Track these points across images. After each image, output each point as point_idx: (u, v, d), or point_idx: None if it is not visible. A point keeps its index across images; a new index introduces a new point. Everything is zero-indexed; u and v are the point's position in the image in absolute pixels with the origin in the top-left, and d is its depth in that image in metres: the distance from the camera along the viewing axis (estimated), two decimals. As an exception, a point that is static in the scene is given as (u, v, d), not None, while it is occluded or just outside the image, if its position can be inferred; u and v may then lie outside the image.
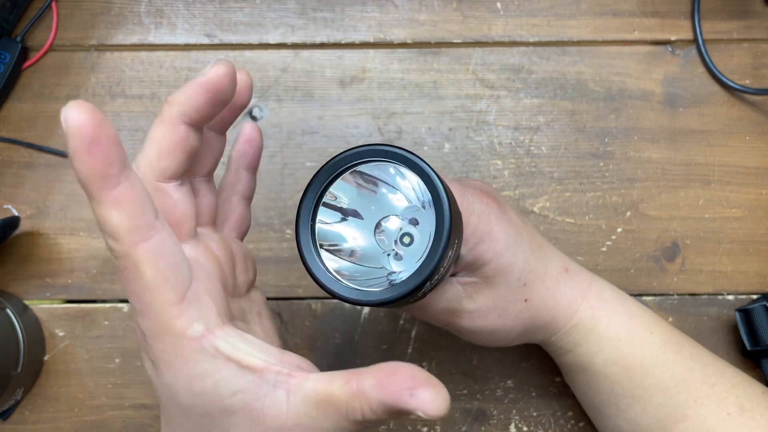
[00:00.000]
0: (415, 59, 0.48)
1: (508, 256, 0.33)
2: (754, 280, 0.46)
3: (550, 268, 0.36)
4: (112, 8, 0.48)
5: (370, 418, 0.24)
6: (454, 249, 0.28)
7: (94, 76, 0.47)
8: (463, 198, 0.32)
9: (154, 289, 0.22)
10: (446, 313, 0.34)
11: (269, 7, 0.48)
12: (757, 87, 0.48)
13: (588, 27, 0.49)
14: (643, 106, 0.48)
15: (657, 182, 0.47)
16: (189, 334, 0.23)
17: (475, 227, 0.32)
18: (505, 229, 0.33)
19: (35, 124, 0.47)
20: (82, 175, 0.20)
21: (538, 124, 0.48)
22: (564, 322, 0.36)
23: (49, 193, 0.46)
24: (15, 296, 0.45)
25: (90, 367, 0.45)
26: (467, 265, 0.33)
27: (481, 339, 0.36)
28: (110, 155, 0.20)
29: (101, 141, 0.20)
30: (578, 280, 0.37)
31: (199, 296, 0.24)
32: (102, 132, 0.20)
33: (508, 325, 0.35)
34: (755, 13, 0.49)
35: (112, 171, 0.20)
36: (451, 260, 0.28)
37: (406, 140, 0.47)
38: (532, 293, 0.35)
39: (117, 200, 0.21)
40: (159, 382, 0.25)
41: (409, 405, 0.22)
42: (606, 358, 0.36)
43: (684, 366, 0.36)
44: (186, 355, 0.23)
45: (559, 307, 0.36)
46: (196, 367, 0.23)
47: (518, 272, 0.34)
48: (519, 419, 0.45)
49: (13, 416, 0.44)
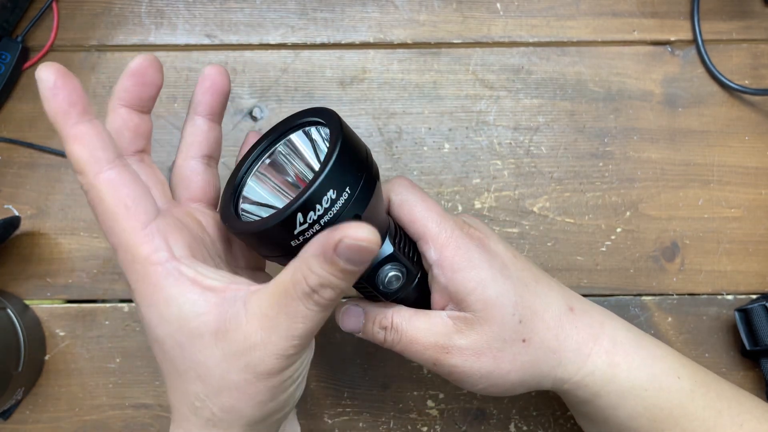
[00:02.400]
0: (415, 60, 0.48)
1: (494, 287, 0.31)
2: (753, 280, 0.46)
3: (551, 305, 0.33)
4: (112, 9, 0.48)
5: (314, 283, 0.24)
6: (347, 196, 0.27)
7: (95, 76, 0.47)
8: (442, 222, 0.32)
9: (117, 215, 0.25)
10: (435, 349, 0.32)
11: (269, 7, 0.48)
12: (757, 87, 0.48)
13: (587, 27, 0.49)
14: (643, 107, 0.48)
15: (656, 182, 0.47)
16: (153, 258, 0.26)
17: (453, 255, 0.31)
18: (487, 260, 0.32)
19: (36, 125, 0.47)
20: (50, 115, 0.25)
21: (538, 124, 0.48)
22: (574, 369, 0.33)
23: (50, 193, 0.46)
24: (16, 296, 0.45)
25: (90, 367, 0.45)
26: (452, 296, 0.32)
27: (477, 384, 0.33)
28: (72, 98, 0.25)
29: (64, 86, 0.24)
30: (586, 320, 0.34)
31: (168, 232, 0.27)
32: (65, 80, 0.24)
33: (505, 369, 0.32)
34: (754, 14, 0.49)
35: (74, 111, 0.25)
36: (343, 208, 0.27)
37: (406, 140, 0.47)
38: (531, 333, 0.32)
39: (79, 136, 0.25)
40: (142, 321, 0.27)
41: (334, 237, 0.23)
42: (630, 412, 0.33)
43: (713, 410, 0.33)
44: (153, 281, 0.26)
45: (565, 351, 0.33)
46: (163, 292, 0.26)
47: (511, 306, 0.32)
48: (519, 419, 0.45)
49: (14, 416, 0.45)
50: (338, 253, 0.23)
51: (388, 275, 0.32)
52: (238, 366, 0.26)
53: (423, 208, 0.33)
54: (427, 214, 0.32)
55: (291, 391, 0.28)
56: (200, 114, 0.32)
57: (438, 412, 0.45)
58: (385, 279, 0.32)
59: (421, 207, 0.33)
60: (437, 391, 0.45)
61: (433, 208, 0.33)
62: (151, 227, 0.26)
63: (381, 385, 0.45)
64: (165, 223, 0.27)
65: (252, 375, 0.26)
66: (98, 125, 0.26)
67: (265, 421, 0.28)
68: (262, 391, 0.26)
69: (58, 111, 0.25)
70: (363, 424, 0.45)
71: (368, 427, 0.45)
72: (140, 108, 0.30)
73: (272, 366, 0.26)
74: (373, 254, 0.23)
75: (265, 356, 0.25)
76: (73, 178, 0.46)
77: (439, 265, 0.32)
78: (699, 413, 0.33)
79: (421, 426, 0.45)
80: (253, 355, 0.25)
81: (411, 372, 0.46)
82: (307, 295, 0.25)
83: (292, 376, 0.27)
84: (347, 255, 0.23)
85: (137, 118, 0.30)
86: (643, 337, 0.35)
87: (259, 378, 0.26)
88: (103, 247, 0.46)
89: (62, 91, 0.24)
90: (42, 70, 0.24)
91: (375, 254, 0.24)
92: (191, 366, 0.26)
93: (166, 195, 0.32)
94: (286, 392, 0.28)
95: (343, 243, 0.23)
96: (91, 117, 0.25)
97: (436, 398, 0.45)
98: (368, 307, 0.33)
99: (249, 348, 0.25)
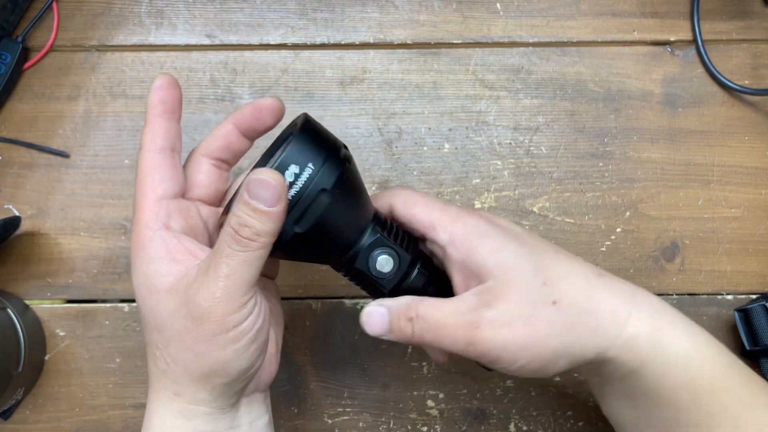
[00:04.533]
0: (415, 60, 0.48)
1: (509, 251, 0.31)
2: (753, 280, 0.46)
3: (576, 270, 0.32)
4: (112, 9, 0.48)
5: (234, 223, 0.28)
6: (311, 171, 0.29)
7: (95, 76, 0.47)
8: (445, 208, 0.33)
9: (143, 184, 0.31)
10: (465, 328, 0.31)
11: (269, 7, 0.48)
12: (756, 87, 0.48)
13: (587, 27, 0.49)
14: (643, 107, 0.48)
15: (656, 182, 0.47)
16: (150, 224, 0.31)
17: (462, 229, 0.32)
18: (499, 230, 0.32)
19: (36, 125, 0.47)
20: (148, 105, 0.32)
21: (538, 124, 0.48)
22: (615, 333, 0.31)
23: (50, 193, 0.46)
24: (16, 296, 0.45)
25: (91, 367, 0.45)
26: (470, 269, 0.32)
27: (517, 359, 0.31)
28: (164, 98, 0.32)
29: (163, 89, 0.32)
30: (618, 284, 0.32)
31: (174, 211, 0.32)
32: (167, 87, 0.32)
33: (541, 335, 0.30)
34: (754, 14, 0.49)
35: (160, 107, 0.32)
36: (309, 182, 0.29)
37: (406, 140, 0.47)
38: (560, 294, 0.31)
39: (153, 123, 0.32)
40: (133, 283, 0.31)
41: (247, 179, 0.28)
42: (675, 381, 0.31)
43: (748, 390, 0.32)
44: (142, 242, 0.31)
45: (600, 312, 0.31)
46: (144, 251, 0.30)
47: (530, 268, 0.31)
48: (519, 418, 0.45)
49: (14, 416, 0.45)
50: (249, 192, 0.28)
51: (378, 259, 0.32)
52: (181, 314, 0.29)
53: (425, 202, 0.34)
54: (430, 205, 0.33)
55: (235, 349, 0.30)
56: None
57: (438, 412, 0.45)
58: (376, 262, 0.32)
59: (422, 201, 0.34)
60: (437, 391, 0.45)
61: (434, 200, 0.34)
62: (162, 202, 0.31)
63: (381, 385, 0.45)
64: (176, 204, 0.32)
65: (190, 321, 0.29)
66: (171, 124, 0.32)
67: (209, 379, 0.30)
68: (200, 339, 0.29)
69: (151, 102, 0.32)
70: (363, 424, 0.45)
71: (368, 427, 0.45)
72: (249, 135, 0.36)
73: (205, 309, 0.29)
74: (277, 190, 0.28)
75: (199, 300, 0.29)
76: (74, 178, 0.46)
77: (451, 243, 0.32)
78: (736, 390, 0.31)
79: (421, 426, 0.45)
80: (191, 303, 0.29)
81: (411, 372, 0.46)
82: (230, 237, 0.28)
83: (234, 328, 0.29)
84: (256, 192, 0.28)
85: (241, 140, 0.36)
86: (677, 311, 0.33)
87: (195, 323, 0.29)
88: (104, 247, 0.46)
89: (160, 91, 0.32)
90: (159, 76, 0.32)
91: (279, 191, 0.28)
92: (151, 317, 0.30)
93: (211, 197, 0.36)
94: (228, 348, 0.29)
95: (250, 180, 0.28)
96: (171, 117, 0.32)
97: (436, 398, 0.45)
98: (390, 305, 0.33)
99: (190, 297, 0.29)
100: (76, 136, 0.47)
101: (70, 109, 0.47)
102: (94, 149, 0.47)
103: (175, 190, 0.32)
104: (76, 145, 0.47)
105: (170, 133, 0.33)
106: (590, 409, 0.45)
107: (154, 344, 0.31)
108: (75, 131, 0.47)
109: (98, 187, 0.46)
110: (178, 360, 0.30)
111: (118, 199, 0.46)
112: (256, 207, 0.28)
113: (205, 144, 0.35)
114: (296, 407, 0.45)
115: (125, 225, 0.46)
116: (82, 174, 0.46)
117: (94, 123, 0.47)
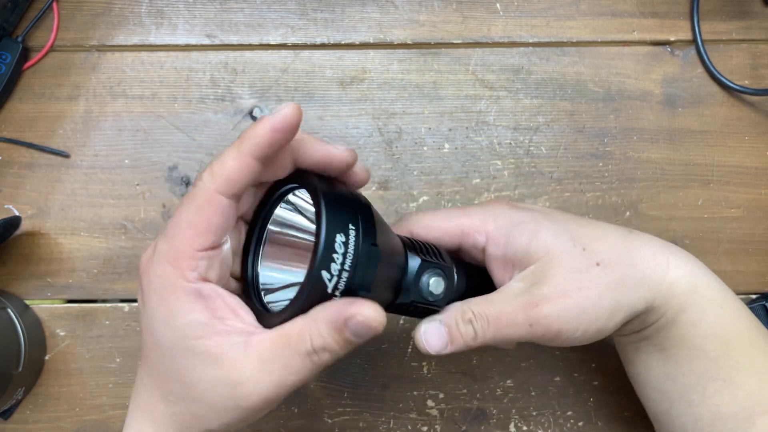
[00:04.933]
0: (415, 60, 0.48)
1: (544, 231, 0.32)
2: (753, 280, 0.46)
3: (608, 231, 0.34)
4: (112, 9, 0.48)
5: (318, 345, 0.26)
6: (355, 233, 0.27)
7: (95, 76, 0.47)
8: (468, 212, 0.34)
9: (194, 225, 0.27)
10: (524, 309, 0.31)
11: (269, 7, 0.49)
12: (756, 87, 0.48)
13: (587, 27, 0.49)
14: (643, 107, 0.48)
15: (656, 182, 0.47)
16: (188, 275, 0.27)
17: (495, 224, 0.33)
18: (527, 215, 0.33)
19: (36, 125, 0.47)
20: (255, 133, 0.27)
21: (538, 124, 0.48)
22: (659, 279, 0.32)
23: (50, 193, 0.46)
24: (16, 296, 0.45)
25: (91, 367, 0.45)
26: (512, 260, 0.33)
27: (578, 327, 0.32)
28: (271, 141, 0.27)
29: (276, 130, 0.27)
30: (648, 237, 0.34)
31: (216, 262, 0.28)
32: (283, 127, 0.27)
33: (594, 296, 0.31)
34: (754, 14, 0.49)
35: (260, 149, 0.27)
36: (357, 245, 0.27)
37: (406, 140, 0.47)
38: (601, 255, 0.32)
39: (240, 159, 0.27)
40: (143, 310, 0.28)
41: (348, 311, 0.26)
42: (708, 329, 0.32)
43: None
44: (175, 289, 0.27)
45: (641, 262, 0.32)
46: (178, 302, 0.27)
47: (568, 240, 0.32)
48: (519, 418, 0.45)
49: (15, 416, 0.45)
50: (348, 326, 0.26)
51: (430, 281, 0.31)
52: (223, 392, 0.27)
53: (444, 216, 0.35)
54: (451, 215, 0.35)
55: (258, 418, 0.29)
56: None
57: (438, 412, 0.45)
58: (428, 287, 0.31)
59: (442, 216, 0.35)
60: (437, 391, 0.45)
61: (450, 210, 0.35)
62: (204, 253, 0.27)
63: (381, 385, 0.46)
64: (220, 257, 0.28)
65: (233, 404, 0.27)
66: (255, 167, 0.27)
67: None
68: (236, 417, 0.28)
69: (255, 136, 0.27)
70: (363, 424, 0.45)
71: (368, 427, 0.45)
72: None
73: (254, 404, 0.27)
74: (377, 333, 0.26)
75: (252, 395, 0.27)
76: (74, 178, 0.46)
77: (489, 241, 0.33)
78: (763, 347, 0.33)
79: (421, 426, 0.45)
80: (240, 389, 0.27)
81: (411, 372, 0.46)
82: (307, 353, 0.26)
83: (265, 411, 0.28)
84: (355, 330, 0.26)
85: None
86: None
87: (238, 409, 0.27)
88: (104, 247, 0.46)
89: (274, 133, 0.27)
90: (289, 108, 0.27)
91: (378, 333, 0.26)
92: (179, 372, 0.28)
93: None
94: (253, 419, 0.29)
95: (355, 319, 0.26)
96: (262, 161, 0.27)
97: (436, 398, 0.45)
98: (442, 318, 0.32)
99: (239, 382, 0.27)
100: (76, 136, 0.47)
101: (70, 109, 0.47)
102: (94, 149, 0.47)
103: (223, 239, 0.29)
104: (76, 145, 0.47)
105: (251, 179, 0.28)
106: (590, 409, 0.45)
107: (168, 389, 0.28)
108: (75, 131, 0.47)
109: (98, 187, 0.46)
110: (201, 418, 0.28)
111: (119, 199, 0.46)
112: (349, 339, 0.26)
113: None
114: (296, 407, 0.45)
115: (125, 225, 0.46)
116: (82, 174, 0.47)
117: (95, 123, 0.47)
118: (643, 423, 0.46)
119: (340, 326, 0.26)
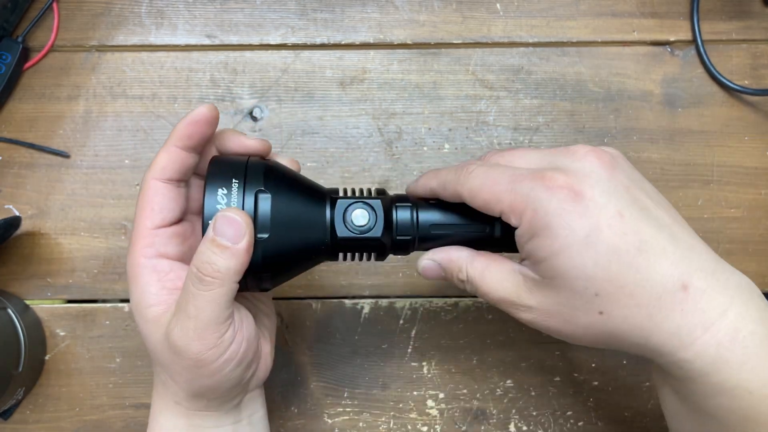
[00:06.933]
0: (415, 60, 0.48)
1: (565, 258, 0.28)
2: (753, 280, 0.46)
3: (652, 280, 0.28)
4: (113, 9, 0.48)
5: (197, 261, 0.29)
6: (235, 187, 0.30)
7: (95, 76, 0.47)
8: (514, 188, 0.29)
9: (142, 210, 0.32)
10: (506, 304, 0.31)
11: (269, 8, 0.49)
12: (756, 87, 0.48)
13: (587, 28, 0.49)
14: (643, 107, 0.48)
15: (656, 182, 0.47)
16: (145, 251, 0.32)
17: (530, 220, 0.29)
18: (569, 225, 0.28)
19: (36, 125, 0.47)
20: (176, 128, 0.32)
21: (538, 124, 0.48)
22: (669, 352, 0.28)
23: (50, 194, 0.46)
24: (16, 296, 0.45)
25: (91, 367, 0.45)
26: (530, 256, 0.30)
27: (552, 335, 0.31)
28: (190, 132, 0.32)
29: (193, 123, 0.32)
30: (702, 304, 0.28)
31: (171, 238, 0.32)
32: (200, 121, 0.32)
33: (577, 334, 0.30)
34: (754, 14, 0.49)
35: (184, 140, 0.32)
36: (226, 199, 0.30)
37: (406, 140, 0.47)
38: (611, 307, 0.28)
39: (168, 150, 0.32)
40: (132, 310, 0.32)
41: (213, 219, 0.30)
42: (723, 406, 0.28)
43: None
44: (137, 267, 0.32)
45: (659, 332, 0.28)
46: (141, 279, 0.31)
47: (584, 279, 0.28)
48: (518, 418, 0.45)
49: (15, 416, 0.45)
50: (216, 230, 0.29)
51: (352, 215, 0.33)
52: (165, 346, 0.31)
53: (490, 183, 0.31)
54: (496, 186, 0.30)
55: (222, 375, 0.31)
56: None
57: (438, 412, 0.45)
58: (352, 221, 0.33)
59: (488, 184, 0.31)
60: (437, 391, 0.45)
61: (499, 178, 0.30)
62: (158, 230, 0.32)
63: (381, 385, 0.46)
64: (174, 230, 0.33)
65: (173, 354, 0.30)
66: (184, 156, 0.33)
67: (204, 395, 0.32)
68: (185, 369, 0.30)
69: (176, 132, 0.32)
70: (363, 424, 0.45)
71: (368, 427, 0.45)
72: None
73: (181, 347, 0.30)
74: (241, 226, 0.29)
75: (174, 338, 0.30)
76: (74, 179, 0.46)
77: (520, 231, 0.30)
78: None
79: (421, 426, 0.45)
80: (169, 339, 0.30)
81: (411, 372, 0.46)
82: (194, 276, 0.29)
83: (214, 361, 0.30)
84: (221, 230, 0.29)
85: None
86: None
87: (177, 357, 0.30)
88: (104, 247, 0.46)
89: (190, 126, 0.32)
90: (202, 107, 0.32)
91: (243, 227, 0.29)
92: (146, 341, 0.32)
93: None
94: (215, 376, 0.31)
95: (216, 218, 0.29)
96: (191, 150, 0.33)
97: (436, 398, 0.45)
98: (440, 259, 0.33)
99: (168, 333, 0.30)
100: (76, 136, 0.47)
101: (70, 109, 0.47)
102: (94, 149, 0.47)
103: (173, 216, 0.33)
104: (76, 145, 0.47)
105: (183, 167, 0.33)
106: (590, 408, 0.45)
107: (152, 360, 0.33)
108: (75, 131, 0.47)
109: (98, 187, 0.46)
110: (173, 379, 0.32)
111: (118, 199, 0.46)
112: (221, 243, 0.29)
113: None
114: (296, 407, 0.45)
115: (125, 225, 0.46)
116: (82, 174, 0.47)
117: (94, 123, 0.47)
118: (643, 423, 0.46)
119: (211, 235, 0.29)
